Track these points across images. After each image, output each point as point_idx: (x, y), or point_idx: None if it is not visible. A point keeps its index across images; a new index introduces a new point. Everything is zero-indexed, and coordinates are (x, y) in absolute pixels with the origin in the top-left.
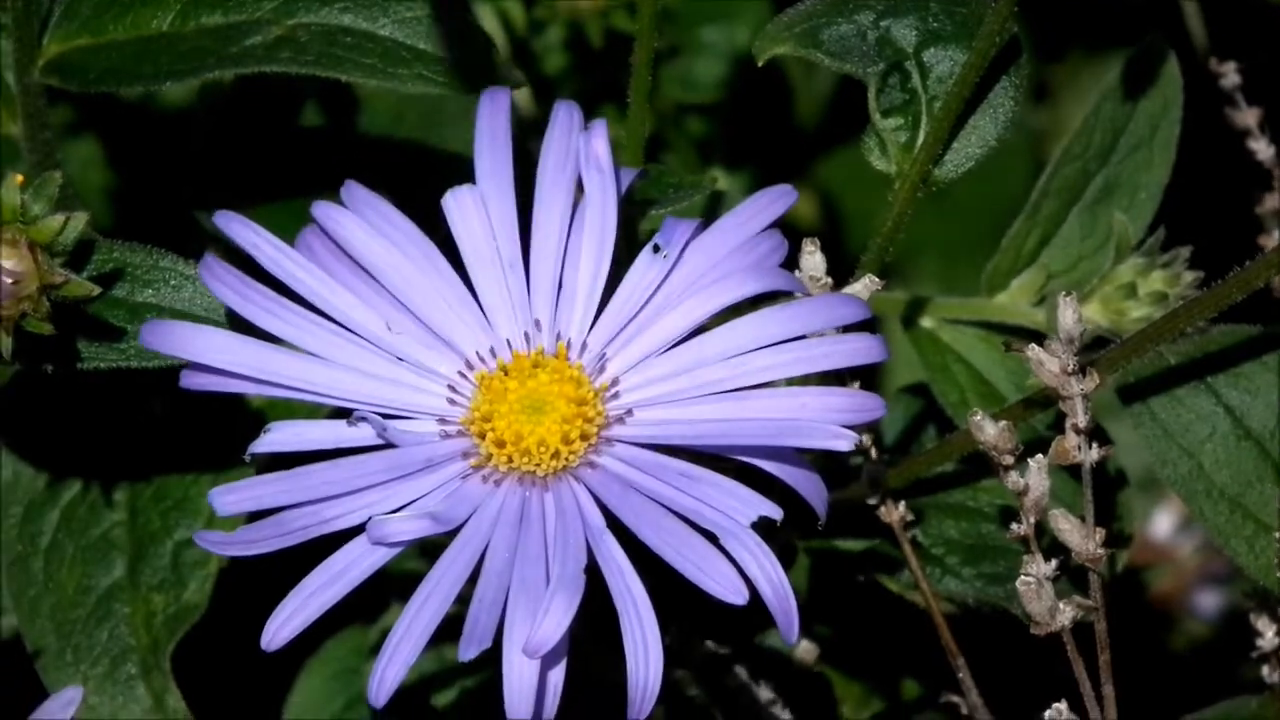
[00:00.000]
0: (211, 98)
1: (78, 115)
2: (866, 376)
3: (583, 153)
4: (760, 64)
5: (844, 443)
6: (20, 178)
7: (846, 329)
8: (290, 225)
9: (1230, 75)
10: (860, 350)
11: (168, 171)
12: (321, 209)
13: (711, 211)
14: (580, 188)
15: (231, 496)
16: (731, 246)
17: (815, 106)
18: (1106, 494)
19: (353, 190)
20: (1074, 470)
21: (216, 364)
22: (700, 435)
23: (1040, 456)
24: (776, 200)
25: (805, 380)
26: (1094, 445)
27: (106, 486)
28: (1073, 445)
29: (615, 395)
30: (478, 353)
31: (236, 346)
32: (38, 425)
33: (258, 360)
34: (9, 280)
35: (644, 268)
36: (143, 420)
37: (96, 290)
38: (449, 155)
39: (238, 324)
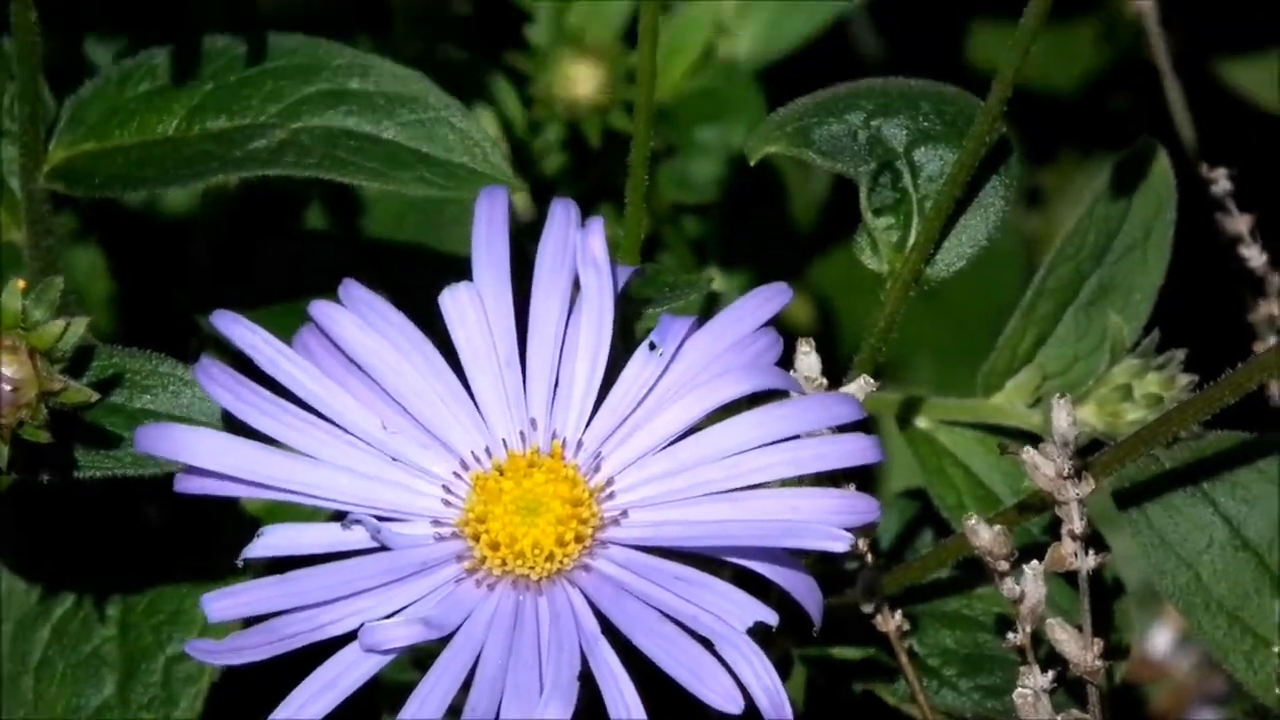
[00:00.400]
0: (215, 203)
1: (81, 223)
2: (862, 478)
3: (579, 250)
4: (753, 163)
5: (840, 544)
6: (22, 283)
7: (841, 429)
8: (291, 327)
9: (1221, 182)
10: (855, 451)
11: (170, 279)
12: (319, 308)
13: (707, 311)
14: (577, 285)
15: (223, 602)
16: (727, 344)
17: (810, 210)
18: (1104, 603)
19: (351, 289)
20: (1071, 577)
21: (210, 466)
22: (695, 537)
23: (1036, 563)
24: (772, 298)
25: (800, 480)
26: (1090, 552)
27: (99, 600)
28: (1069, 552)
29: (610, 495)
30: (473, 452)
31: (230, 448)
32: (31, 536)
33: (251, 462)
34: (8, 388)
35: (640, 365)
36: (137, 529)
37: (95, 396)
38: (448, 256)
39: (234, 426)
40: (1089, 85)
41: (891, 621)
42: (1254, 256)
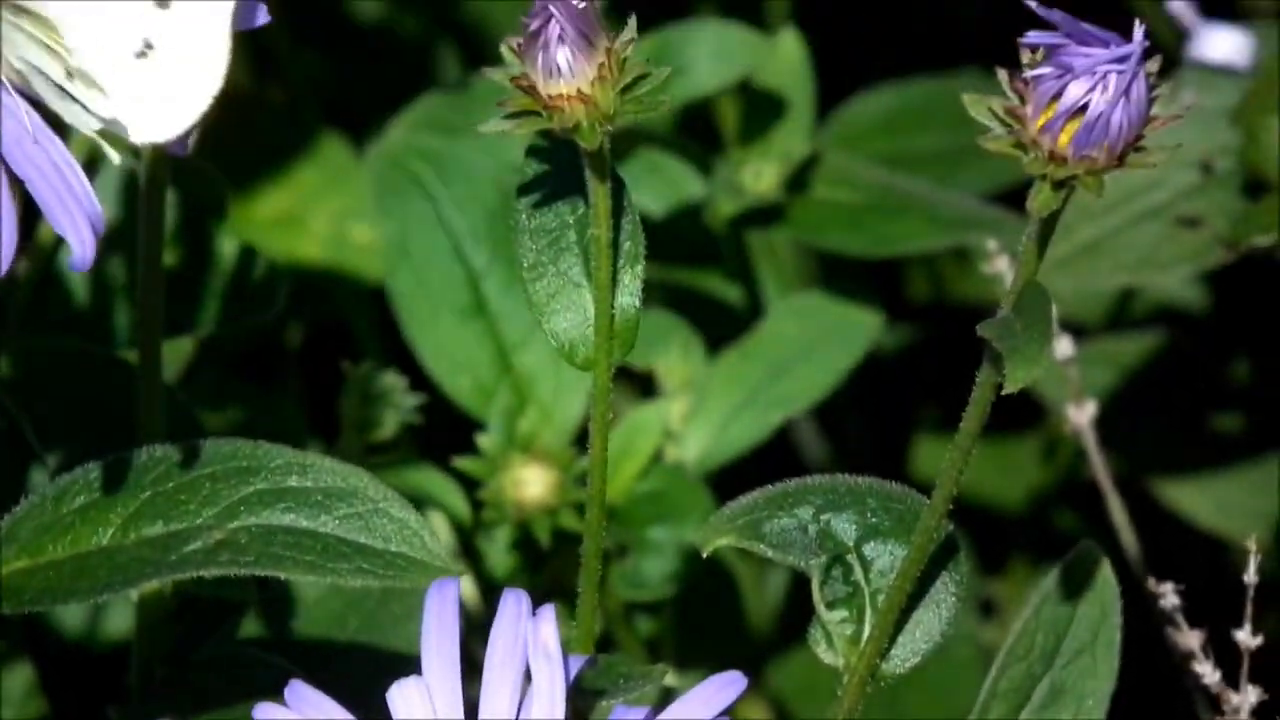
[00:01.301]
0: (151, 613)
1: (14, 646)
2: None
3: (530, 639)
4: (705, 554)
5: None
6: None
7: None
8: None
9: (1169, 597)
10: None
11: (106, 696)
12: (263, 711)
13: (661, 705)
14: (529, 676)
15: None
16: None
17: (767, 614)
18: None
19: (296, 689)
20: None
21: None
22: None
23: None
24: (726, 687)
25: None
26: None
27: None
28: None
29: None
30: None
31: None
32: None
33: None
34: None
35: None
36: None
37: None
38: (394, 655)
39: None
40: (1034, 500)
41: None
42: (1208, 673)
